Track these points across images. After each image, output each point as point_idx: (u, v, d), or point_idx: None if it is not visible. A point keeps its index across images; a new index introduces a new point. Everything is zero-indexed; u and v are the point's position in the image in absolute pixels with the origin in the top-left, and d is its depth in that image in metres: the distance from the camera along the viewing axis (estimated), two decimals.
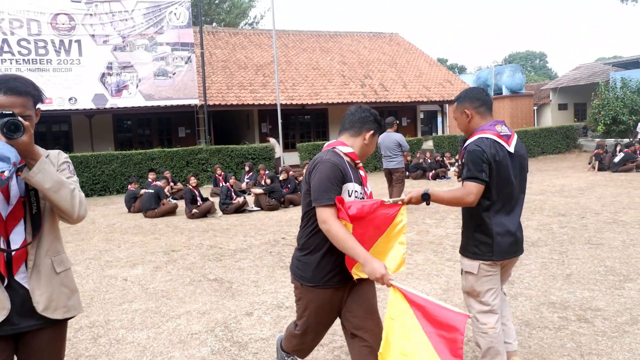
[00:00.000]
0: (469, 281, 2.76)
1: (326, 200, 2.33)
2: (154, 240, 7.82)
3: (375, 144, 2.64)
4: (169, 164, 15.28)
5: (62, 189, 1.87)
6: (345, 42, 24.90)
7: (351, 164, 2.53)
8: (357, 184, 2.49)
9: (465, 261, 2.78)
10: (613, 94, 19.16)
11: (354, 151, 2.55)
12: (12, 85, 1.87)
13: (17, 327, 1.91)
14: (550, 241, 6.22)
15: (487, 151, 2.60)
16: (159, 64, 15.72)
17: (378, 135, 2.63)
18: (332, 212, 2.32)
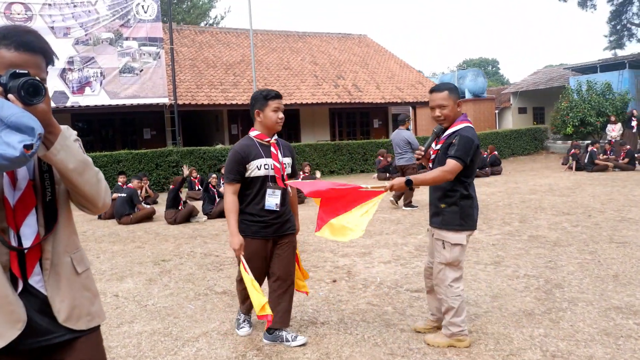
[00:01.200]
0: (454, 253, 3.10)
1: (227, 179, 3.24)
2: (137, 249, 7.07)
3: (271, 117, 3.23)
4: (136, 167, 14.33)
5: (87, 170, 1.54)
6: (314, 43, 24.48)
7: (262, 143, 3.27)
8: (268, 159, 3.23)
9: (451, 235, 3.08)
10: (579, 97, 19.57)
11: (259, 132, 3.30)
12: (27, 40, 1.45)
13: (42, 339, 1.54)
14: (572, 240, 5.95)
15: (476, 140, 3.02)
16: (125, 59, 14.74)
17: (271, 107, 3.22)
18: (230, 189, 3.25)
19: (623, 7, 24.34)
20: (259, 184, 3.24)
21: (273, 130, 3.28)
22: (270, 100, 3.22)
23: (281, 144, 3.42)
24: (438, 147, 3.16)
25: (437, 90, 3.19)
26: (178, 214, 9.06)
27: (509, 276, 4.65)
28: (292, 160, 3.46)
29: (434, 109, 3.18)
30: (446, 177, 2.96)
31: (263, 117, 3.25)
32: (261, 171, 3.22)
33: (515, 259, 5.25)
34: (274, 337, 3.41)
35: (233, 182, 3.24)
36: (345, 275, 5.11)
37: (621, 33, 24.89)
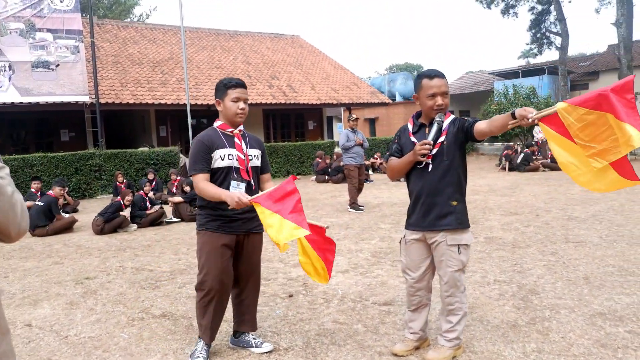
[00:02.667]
0: (468, 254, 2.84)
1: (194, 170, 2.98)
2: (54, 266, 6.13)
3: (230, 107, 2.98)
4: (52, 172, 12.96)
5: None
6: (246, 42, 23.76)
7: (225, 133, 3.04)
8: (231, 149, 3.01)
9: (465, 235, 2.81)
10: (507, 100, 20.37)
11: (222, 122, 3.08)
12: None
13: None
14: (529, 241, 5.81)
15: None
16: (39, 53, 13.30)
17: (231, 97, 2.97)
18: (200, 177, 2.95)
19: (542, 16, 25.72)
20: (222, 175, 3.01)
21: (234, 122, 3.05)
22: (230, 89, 2.99)
23: (248, 136, 3.20)
24: (442, 139, 2.81)
25: (439, 76, 2.82)
26: (106, 223, 8.11)
27: (479, 283, 4.35)
28: (262, 154, 3.20)
29: (435, 97, 2.79)
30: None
31: (223, 108, 3.04)
32: (224, 162, 2.99)
33: (479, 263, 4.98)
34: (240, 342, 3.26)
35: (203, 171, 2.98)
36: (301, 288, 4.59)
37: (541, 41, 26.28)
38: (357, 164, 8.90)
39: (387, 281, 4.60)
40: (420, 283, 3.02)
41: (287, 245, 2.75)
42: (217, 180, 2.99)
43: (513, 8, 25.99)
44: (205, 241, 3.01)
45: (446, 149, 2.81)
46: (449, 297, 2.89)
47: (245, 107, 3.00)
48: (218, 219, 3.00)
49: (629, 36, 19.79)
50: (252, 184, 3.06)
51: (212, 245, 2.98)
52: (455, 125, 2.84)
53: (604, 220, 6.70)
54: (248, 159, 3.06)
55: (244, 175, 3.03)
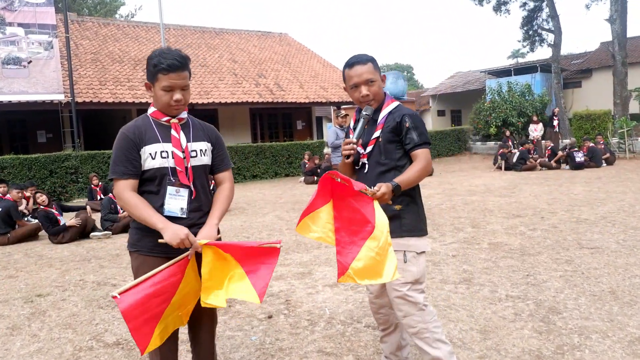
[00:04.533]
0: (421, 264, 2.36)
1: (114, 173, 2.19)
2: (7, 280, 5.44)
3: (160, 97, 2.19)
4: (26, 174, 12.20)
5: None
6: (233, 40, 23.09)
7: (160, 123, 2.25)
8: (166, 144, 2.22)
9: (418, 242, 2.35)
10: (501, 98, 19.87)
11: (155, 109, 2.28)
12: None
13: None
14: (538, 247, 5.22)
15: None
16: (9, 49, 12.54)
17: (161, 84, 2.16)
18: (124, 185, 2.18)
19: (534, 12, 25.29)
20: (156, 180, 2.23)
21: (169, 113, 2.25)
22: (160, 74, 2.16)
23: (193, 125, 2.35)
24: (377, 135, 2.36)
25: (359, 62, 2.36)
26: (65, 233, 7.41)
27: (489, 299, 3.75)
28: (216, 146, 2.39)
29: (358, 87, 2.37)
30: (429, 168, 2.30)
31: (154, 94, 2.24)
32: (156, 161, 2.20)
33: (486, 274, 4.38)
34: None
35: (125, 176, 2.18)
36: (283, 306, 3.96)
37: (533, 38, 25.86)
38: None
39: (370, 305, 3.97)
40: (382, 299, 2.54)
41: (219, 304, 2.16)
42: (150, 186, 2.23)
43: (505, 5, 25.53)
44: (138, 267, 2.25)
45: (382, 146, 2.35)
46: (405, 317, 2.33)
47: (182, 98, 2.20)
48: (150, 237, 2.19)
49: (623, 32, 19.39)
50: (193, 189, 2.27)
51: (142, 271, 2.18)
52: (395, 120, 2.33)
53: (617, 223, 6.14)
54: (189, 156, 2.27)
55: (182, 179, 2.23)
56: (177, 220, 2.18)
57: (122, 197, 2.17)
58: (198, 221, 2.26)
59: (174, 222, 2.17)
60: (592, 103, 22.55)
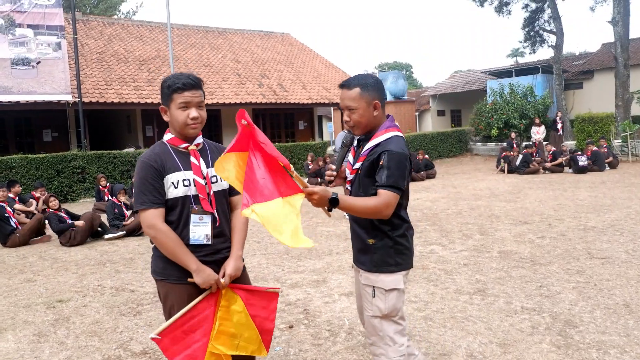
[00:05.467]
0: (390, 301, 2.29)
1: (143, 204, 2.20)
2: (26, 284, 5.53)
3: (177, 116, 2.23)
4: (33, 174, 12.28)
5: None
6: (236, 40, 23.13)
7: (178, 150, 2.29)
8: (187, 172, 2.26)
9: (386, 277, 2.29)
10: (502, 99, 19.96)
11: (173, 136, 2.32)
12: None
13: None
14: (549, 257, 5.33)
15: (408, 154, 2.25)
16: (18, 49, 12.60)
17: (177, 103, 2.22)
18: (154, 215, 2.19)
19: (536, 14, 25.36)
20: (178, 208, 2.25)
21: (186, 135, 2.29)
22: (175, 93, 2.21)
23: (209, 149, 2.39)
24: (358, 166, 2.32)
25: (346, 86, 2.30)
26: (75, 232, 7.53)
27: (505, 311, 3.85)
28: None
29: (344, 110, 2.32)
30: (383, 213, 2.16)
31: (170, 117, 2.28)
32: (179, 190, 2.23)
33: (500, 285, 4.49)
34: None
35: (155, 205, 2.19)
36: (302, 316, 4.06)
37: (534, 39, 25.94)
38: None
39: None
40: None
41: None
42: (173, 215, 2.24)
43: (507, 6, 25.59)
44: (167, 295, 2.29)
45: (361, 179, 2.31)
46: (371, 345, 2.39)
47: (199, 115, 2.24)
48: (175, 264, 2.23)
49: (626, 34, 19.47)
50: (216, 217, 2.30)
51: (172, 300, 2.26)
52: (374, 155, 2.25)
53: (625, 232, 6.25)
54: (210, 183, 2.30)
55: (205, 206, 2.26)
56: (202, 248, 2.26)
57: (156, 228, 2.18)
58: (221, 246, 2.32)
59: (200, 250, 2.25)
60: (594, 105, 22.64)
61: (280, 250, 6.33)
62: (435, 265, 5.27)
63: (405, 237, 2.32)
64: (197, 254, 2.25)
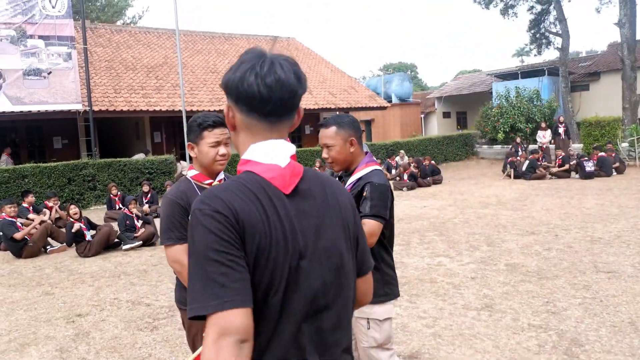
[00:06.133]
0: (385, 330, 2.40)
1: (170, 239, 2.30)
2: (44, 297, 5.69)
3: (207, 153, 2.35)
4: (45, 182, 12.49)
5: None
6: (241, 45, 23.30)
7: (203, 187, 2.39)
8: None
9: (379, 308, 2.38)
10: (508, 103, 19.99)
11: (198, 172, 2.44)
12: None
13: None
14: (555, 270, 5.42)
15: (390, 186, 2.39)
16: (30, 60, 12.81)
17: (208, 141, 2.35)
18: (181, 250, 2.25)
19: (541, 16, 25.38)
20: None
21: (213, 171, 2.42)
22: (205, 131, 2.36)
23: None
24: None
25: (323, 126, 2.49)
26: (91, 244, 7.70)
27: (512, 328, 3.96)
28: None
29: (322, 148, 2.50)
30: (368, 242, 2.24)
31: (198, 153, 2.40)
32: None
33: (507, 300, 4.59)
34: None
35: (181, 241, 2.27)
36: None
37: (540, 41, 25.95)
38: None
39: (408, 324, 4.20)
40: None
41: None
42: None
43: (512, 8, 25.63)
44: (191, 324, 2.38)
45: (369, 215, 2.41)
46: None
47: (227, 152, 2.39)
48: None
49: (632, 36, 19.44)
50: None
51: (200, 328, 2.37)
52: (357, 188, 2.38)
53: (632, 243, 6.33)
54: None
55: None
56: None
57: (181, 263, 2.25)
58: None
59: None
60: (601, 106, 22.62)
61: None
62: (443, 279, 5.38)
63: (391, 268, 2.45)
64: None
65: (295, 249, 1.15)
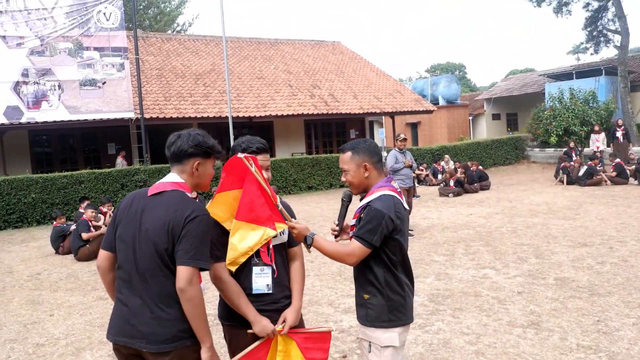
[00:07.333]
0: (385, 357, 2.36)
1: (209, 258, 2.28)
2: (99, 302, 5.97)
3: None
4: (100, 188, 13.10)
5: None
6: (287, 50, 23.58)
7: None
8: None
9: (381, 334, 2.37)
10: (562, 105, 19.21)
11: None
12: None
13: None
14: (608, 286, 5.19)
15: (390, 213, 2.34)
16: (86, 71, 13.48)
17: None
18: (221, 267, 2.36)
19: (598, 13, 24.28)
20: None
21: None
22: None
23: None
24: (353, 223, 2.53)
25: (341, 151, 2.61)
26: None
27: (560, 348, 3.82)
28: None
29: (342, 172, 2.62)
30: (346, 260, 2.36)
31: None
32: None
33: (555, 317, 4.43)
34: None
35: (220, 259, 2.38)
36: (355, 345, 4.19)
37: (597, 39, 24.83)
38: (406, 187, 8.42)
39: (450, 340, 4.13)
40: None
41: None
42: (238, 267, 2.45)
43: (567, 5, 24.64)
44: (232, 339, 2.50)
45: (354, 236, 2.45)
46: None
47: (268, 177, 2.47)
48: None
49: None
50: (275, 269, 2.48)
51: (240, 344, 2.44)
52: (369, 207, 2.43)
53: None
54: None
55: (265, 259, 2.45)
56: (264, 296, 2.45)
57: (221, 280, 2.37)
58: (280, 295, 2.50)
59: (260, 299, 2.44)
60: None
61: (334, 271, 6.49)
62: (488, 293, 5.26)
63: (399, 294, 2.40)
64: (258, 302, 2.44)
65: None
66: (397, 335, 2.38)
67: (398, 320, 2.39)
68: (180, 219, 2.11)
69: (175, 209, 2.14)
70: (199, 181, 2.34)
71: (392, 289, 2.39)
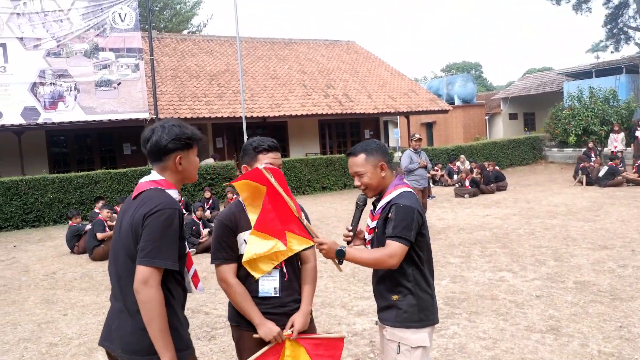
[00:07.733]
0: (415, 358, 2.31)
1: (216, 259, 2.41)
2: None
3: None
4: (115, 188, 13.19)
5: None
6: (301, 50, 23.54)
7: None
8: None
9: (412, 335, 2.32)
10: (581, 104, 18.85)
11: None
12: None
13: None
14: (630, 290, 5.03)
15: (418, 207, 2.36)
16: (102, 72, 13.61)
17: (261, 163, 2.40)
18: (227, 270, 2.38)
19: (619, 10, 23.83)
20: None
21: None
22: (261, 154, 2.45)
23: None
24: (374, 225, 2.48)
25: (352, 154, 2.51)
26: None
27: (580, 355, 3.70)
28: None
29: (354, 177, 2.52)
30: (388, 262, 2.27)
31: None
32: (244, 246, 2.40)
33: (575, 323, 4.30)
34: None
35: (227, 261, 2.39)
36: (368, 348, 4.11)
37: (618, 37, 24.37)
38: (420, 188, 8.31)
39: (466, 345, 4.02)
40: None
41: None
42: (242, 270, 2.42)
43: (586, 2, 24.22)
44: (239, 340, 2.49)
45: (377, 238, 2.43)
46: None
47: None
48: None
49: None
50: (285, 272, 2.45)
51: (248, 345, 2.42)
52: (386, 212, 2.38)
53: None
54: None
55: None
56: (270, 300, 2.41)
57: (227, 282, 2.38)
58: (288, 299, 2.44)
59: (267, 302, 2.40)
60: None
61: (347, 273, 6.41)
62: (505, 296, 5.13)
63: (427, 293, 2.38)
64: (265, 305, 2.40)
65: None
66: (427, 335, 2.35)
67: (427, 319, 2.36)
68: (140, 216, 1.98)
69: (140, 208, 2.01)
70: (184, 175, 2.22)
71: (421, 288, 2.37)
